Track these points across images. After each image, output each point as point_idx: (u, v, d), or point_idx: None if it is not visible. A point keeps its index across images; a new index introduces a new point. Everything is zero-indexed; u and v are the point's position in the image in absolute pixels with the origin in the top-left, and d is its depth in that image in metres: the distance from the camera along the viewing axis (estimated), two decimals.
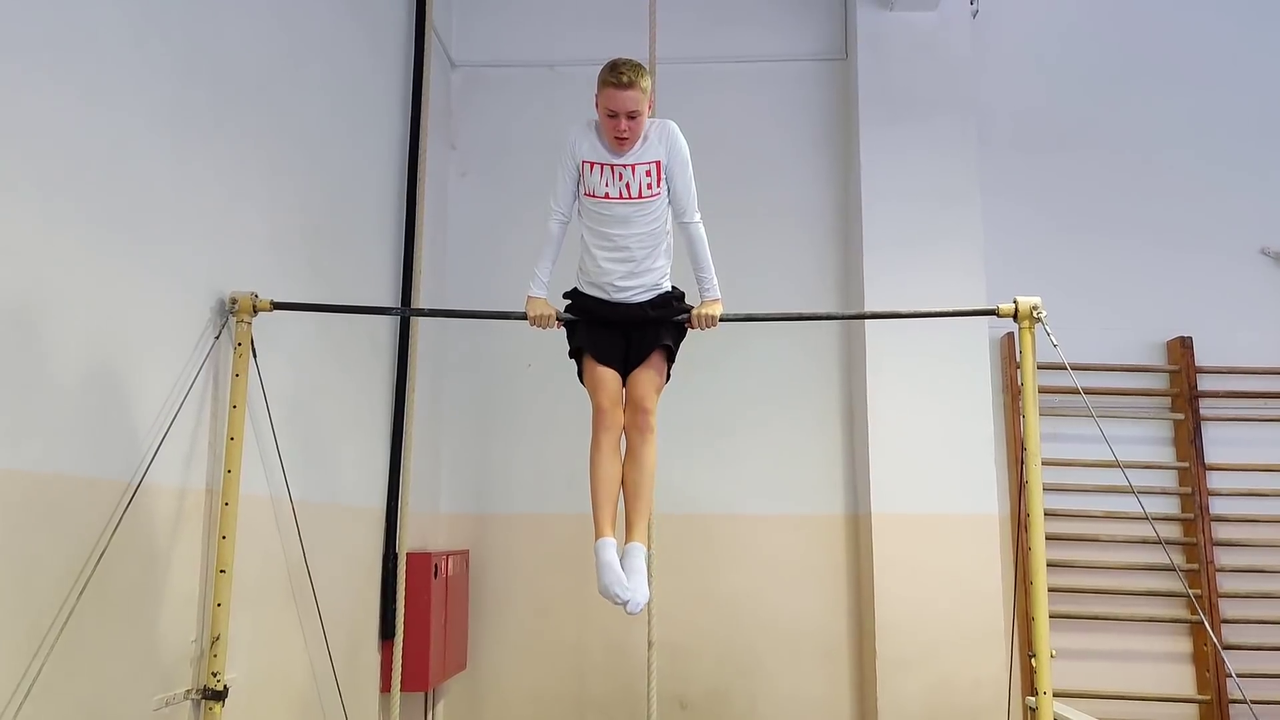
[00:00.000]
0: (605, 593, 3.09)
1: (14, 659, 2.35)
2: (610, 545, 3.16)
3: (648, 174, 3.24)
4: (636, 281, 3.31)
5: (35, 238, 2.45)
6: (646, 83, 3.16)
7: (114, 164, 2.77)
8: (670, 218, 3.35)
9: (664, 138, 3.27)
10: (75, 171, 2.61)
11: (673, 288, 3.41)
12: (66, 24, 2.57)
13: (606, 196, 3.25)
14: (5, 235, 2.35)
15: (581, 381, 3.42)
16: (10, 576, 2.35)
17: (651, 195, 3.25)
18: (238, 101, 3.50)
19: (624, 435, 3.37)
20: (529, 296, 3.38)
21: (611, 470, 3.29)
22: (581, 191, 3.31)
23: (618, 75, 3.11)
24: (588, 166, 3.26)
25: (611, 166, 3.24)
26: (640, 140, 3.25)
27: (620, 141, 3.20)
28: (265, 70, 3.72)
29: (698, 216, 3.33)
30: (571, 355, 3.46)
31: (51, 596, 2.49)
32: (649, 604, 4.73)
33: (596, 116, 3.28)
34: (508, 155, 6.12)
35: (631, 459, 3.32)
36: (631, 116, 3.14)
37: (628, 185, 3.24)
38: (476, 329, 5.89)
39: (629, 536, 3.23)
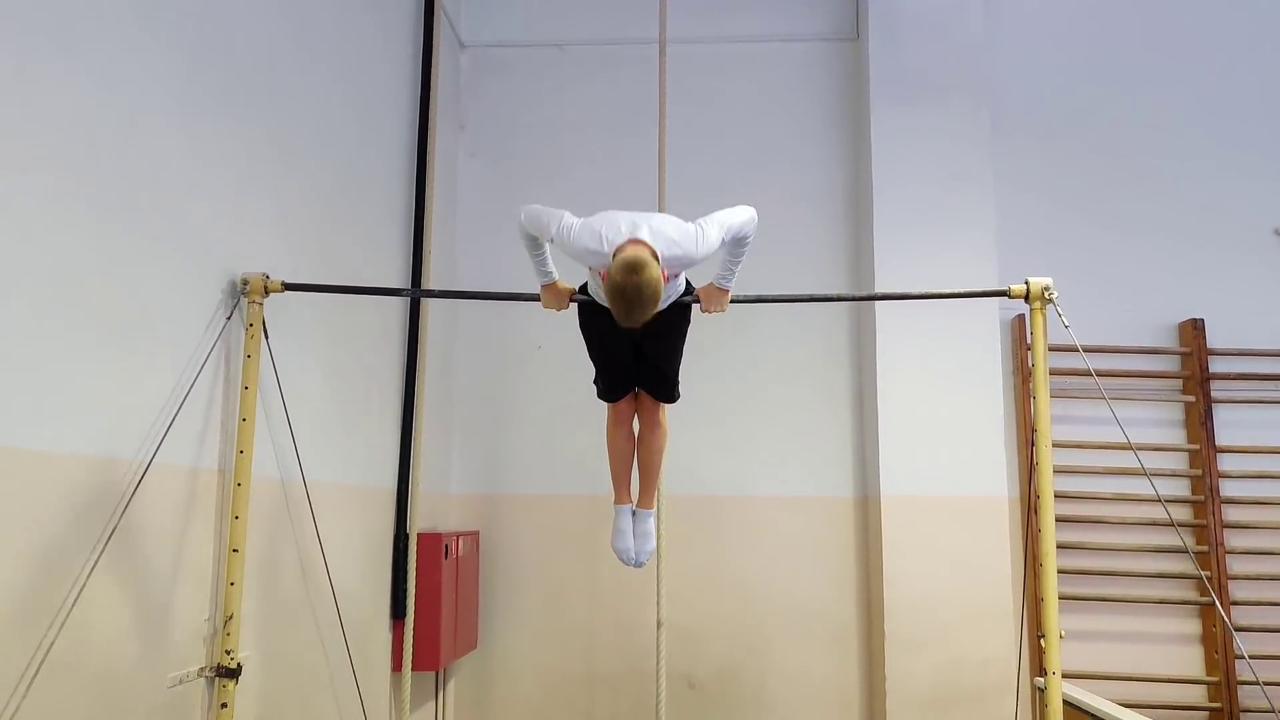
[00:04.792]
0: (616, 550, 3.63)
1: (27, 636, 2.37)
2: (625, 511, 3.64)
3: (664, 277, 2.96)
4: None
5: (47, 221, 2.46)
6: (660, 290, 2.86)
7: (124, 146, 2.77)
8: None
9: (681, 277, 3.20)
10: (87, 154, 2.61)
11: (687, 282, 3.31)
12: (76, 7, 2.57)
13: None
14: (18, 219, 2.35)
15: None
16: (24, 554, 2.37)
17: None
18: (247, 83, 3.49)
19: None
20: (542, 286, 3.32)
21: (625, 448, 3.63)
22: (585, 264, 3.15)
23: (631, 316, 2.85)
24: (591, 269, 3.14)
25: None
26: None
27: None
28: (274, 52, 3.71)
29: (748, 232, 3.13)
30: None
31: (64, 575, 2.50)
32: (658, 584, 4.81)
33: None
34: (517, 136, 6.12)
35: (642, 444, 3.63)
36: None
37: None
38: (487, 309, 5.90)
39: (640, 503, 3.65)
